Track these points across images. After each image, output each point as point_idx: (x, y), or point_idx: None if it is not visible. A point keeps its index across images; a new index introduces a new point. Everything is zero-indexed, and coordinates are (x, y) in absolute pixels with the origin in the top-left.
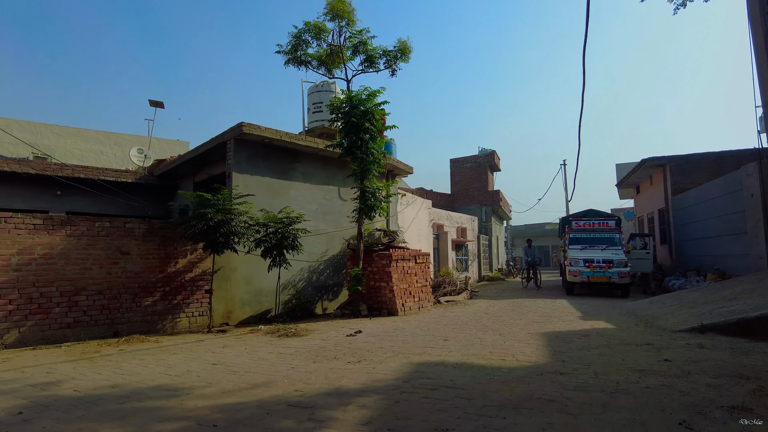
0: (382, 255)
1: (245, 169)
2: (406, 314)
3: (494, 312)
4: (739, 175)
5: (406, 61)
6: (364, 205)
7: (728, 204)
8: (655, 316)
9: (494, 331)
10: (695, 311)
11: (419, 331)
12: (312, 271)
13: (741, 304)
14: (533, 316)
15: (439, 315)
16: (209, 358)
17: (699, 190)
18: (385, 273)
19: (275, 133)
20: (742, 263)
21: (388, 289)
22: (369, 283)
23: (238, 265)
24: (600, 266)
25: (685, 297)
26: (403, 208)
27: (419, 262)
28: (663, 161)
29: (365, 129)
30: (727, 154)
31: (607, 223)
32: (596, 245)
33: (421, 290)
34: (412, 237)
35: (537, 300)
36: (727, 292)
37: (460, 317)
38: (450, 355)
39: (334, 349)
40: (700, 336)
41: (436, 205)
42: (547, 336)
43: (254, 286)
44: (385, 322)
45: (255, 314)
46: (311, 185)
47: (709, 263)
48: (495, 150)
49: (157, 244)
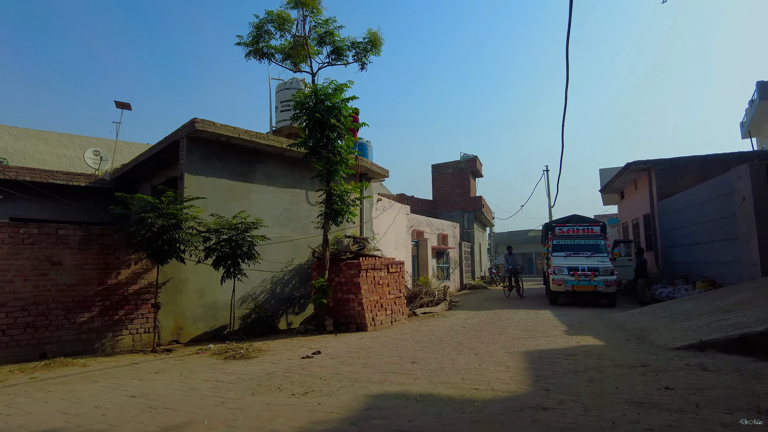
0: (351, 264)
1: (199, 170)
2: (376, 329)
3: (472, 326)
4: (729, 178)
5: (377, 54)
6: (330, 210)
7: (717, 208)
8: (647, 330)
9: (470, 350)
10: (690, 325)
11: (386, 350)
12: (276, 282)
13: (740, 316)
14: (514, 331)
15: (412, 330)
16: (132, 388)
17: (686, 194)
18: (353, 284)
19: (233, 130)
20: (733, 270)
21: (356, 302)
22: (336, 295)
23: (189, 276)
24: (585, 274)
25: (676, 308)
26: (379, 213)
27: (392, 272)
28: (648, 165)
29: (331, 126)
30: (713, 158)
31: (592, 229)
32: (581, 252)
33: (394, 302)
34: (388, 244)
35: (519, 311)
36: (722, 303)
37: (434, 332)
38: (415, 382)
39: (281, 375)
40: (700, 355)
41: (418, 212)
42: (528, 356)
43: (209, 299)
44: (350, 340)
45: (209, 330)
46: (275, 188)
47: (697, 270)
48: (477, 155)
49: (95, 252)
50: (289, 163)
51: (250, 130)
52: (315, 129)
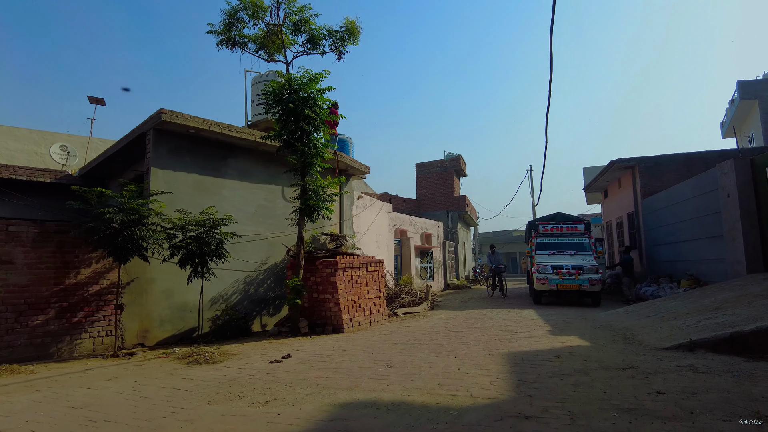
0: (327, 263)
1: (167, 163)
2: (353, 330)
3: (454, 326)
4: (713, 175)
5: (355, 44)
6: (304, 206)
7: (701, 206)
8: (634, 330)
9: (449, 352)
10: (678, 324)
11: (361, 353)
12: (249, 283)
13: (729, 315)
14: (496, 331)
15: (391, 331)
16: (76, 398)
17: (670, 192)
18: (329, 283)
19: (202, 122)
20: (717, 268)
21: (333, 302)
22: (312, 295)
23: (156, 276)
24: (569, 273)
25: (662, 306)
26: (360, 211)
27: (371, 271)
28: (632, 163)
29: (306, 117)
30: (695, 156)
31: (576, 227)
32: (565, 250)
33: (373, 302)
34: (369, 243)
35: (502, 311)
36: (708, 301)
37: (414, 333)
38: (388, 389)
39: (244, 382)
40: (690, 355)
41: (402, 211)
42: (511, 358)
43: (177, 300)
44: (325, 342)
45: (177, 333)
46: (249, 184)
47: (681, 269)
48: (461, 154)
49: (52, 250)
50: (264, 157)
51: (222, 122)
52: (289, 120)
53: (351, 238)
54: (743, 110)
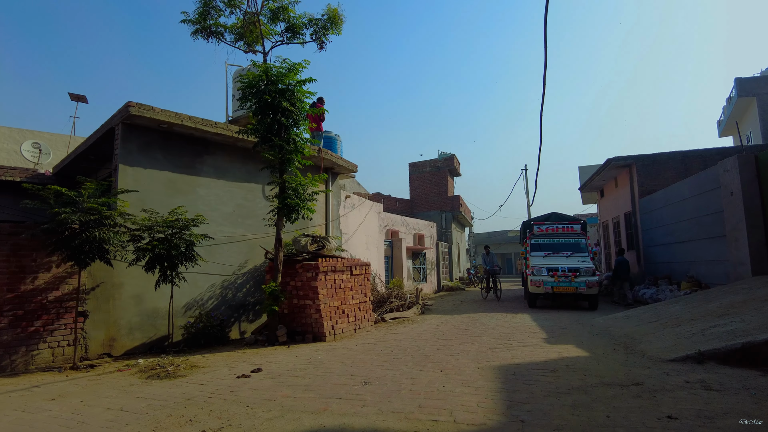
0: (308, 266)
1: (137, 160)
2: (336, 339)
3: (443, 333)
4: (714, 172)
5: (338, 33)
6: (282, 205)
7: (702, 205)
8: (635, 338)
9: (435, 364)
10: (683, 331)
11: (339, 366)
12: (227, 287)
13: (738, 322)
14: (488, 339)
15: (376, 339)
16: (2, 425)
17: (668, 191)
18: (310, 288)
19: (175, 116)
20: (718, 270)
21: (313, 309)
22: (292, 301)
23: (125, 281)
24: (565, 275)
25: (664, 311)
26: (348, 211)
27: (356, 274)
28: (629, 161)
29: (284, 110)
30: (693, 154)
31: (572, 227)
32: (561, 252)
33: (358, 307)
34: (358, 244)
35: (496, 315)
36: (713, 306)
37: (399, 342)
38: (361, 412)
39: (202, 403)
40: (699, 368)
41: (395, 211)
42: (502, 372)
43: (147, 306)
44: (303, 353)
45: (148, 341)
46: (227, 182)
47: (680, 270)
48: (455, 154)
49: (5, 254)
50: (243, 154)
51: (196, 116)
52: (265, 114)
53: (336, 239)
54: (741, 108)
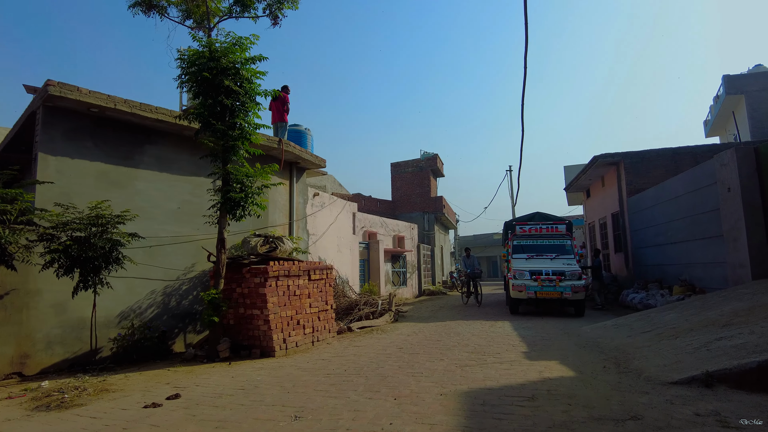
0: (256, 270)
1: (62, 149)
2: (288, 354)
3: (412, 345)
4: (710, 167)
5: (294, 7)
6: (225, 199)
7: (697, 202)
8: (628, 352)
9: (391, 389)
10: (683, 345)
11: (275, 392)
12: (170, 294)
13: (746, 334)
14: (461, 353)
15: (333, 354)
16: None
17: (659, 189)
18: (258, 296)
19: (106, 99)
20: (715, 273)
21: (261, 319)
22: (238, 310)
23: (43, 287)
24: (549, 279)
25: (657, 319)
26: (316, 210)
27: (316, 279)
28: (617, 158)
29: (227, 91)
30: (683, 151)
31: (557, 228)
32: (544, 254)
33: (317, 317)
34: (328, 246)
35: (474, 323)
36: (713, 314)
37: (359, 358)
38: None
39: None
40: (709, 394)
41: (376, 213)
42: (469, 401)
43: (72, 316)
44: (241, 372)
45: (72, 357)
46: (171, 176)
47: (672, 273)
48: (437, 153)
49: None
50: (191, 144)
51: (134, 100)
52: (207, 94)
53: (294, 240)
54: (729, 106)
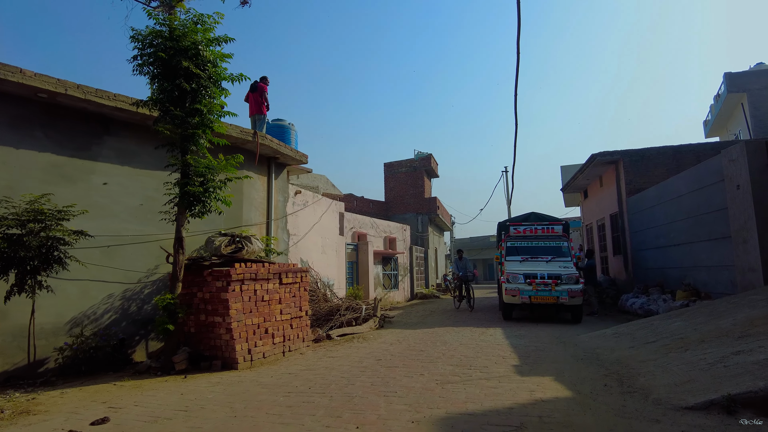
0: (218, 273)
1: (6, 138)
2: (252, 366)
3: (391, 357)
4: (716, 163)
5: None
6: (183, 193)
7: (702, 201)
8: (632, 367)
9: (355, 414)
10: (694, 359)
11: (219, 416)
12: (130, 298)
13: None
14: (444, 367)
15: (304, 367)
16: None
17: (660, 188)
18: (219, 301)
19: (56, 83)
20: (722, 277)
21: (223, 327)
22: (199, 317)
23: None
24: (545, 283)
25: (662, 327)
26: (298, 209)
27: (288, 283)
28: (616, 157)
29: (186, 73)
30: (685, 149)
31: (553, 229)
32: (540, 256)
33: (289, 324)
34: (311, 247)
35: (463, 330)
36: (726, 323)
37: (329, 372)
38: None
39: None
40: (733, 424)
41: (369, 213)
42: (445, 429)
43: (13, 323)
44: (194, 389)
45: (11, 369)
46: (133, 170)
47: (675, 277)
48: (431, 153)
49: None
50: (154, 136)
51: (89, 86)
52: (164, 77)
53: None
54: (730, 105)
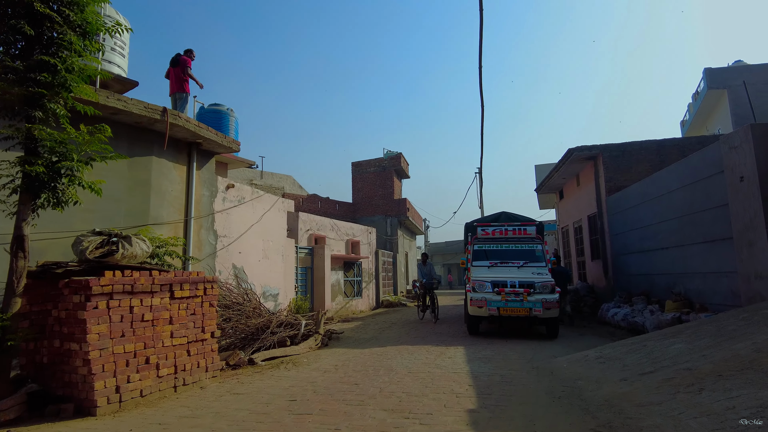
0: (77, 284)
1: None
2: (121, 410)
3: (312, 394)
4: (713, 153)
5: None
6: (24, 176)
7: (696, 197)
8: (628, 413)
9: None
10: (715, 404)
11: None
12: None
13: None
14: (374, 412)
15: (188, 412)
16: None
17: (646, 184)
18: (77, 322)
19: None
20: (719, 286)
21: (80, 357)
22: (53, 342)
23: None
24: (515, 292)
25: (659, 350)
26: (231, 206)
27: (183, 297)
28: (595, 152)
29: (29, 11)
30: (669, 143)
31: (525, 230)
32: (510, 261)
33: (186, 351)
34: (248, 251)
35: (420, 349)
36: (743, 347)
37: (218, 419)
38: None
39: None
40: None
41: (335, 216)
42: None
43: None
44: None
45: None
46: None
47: (662, 285)
48: (401, 153)
49: None
50: None
51: None
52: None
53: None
54: (710, 102)
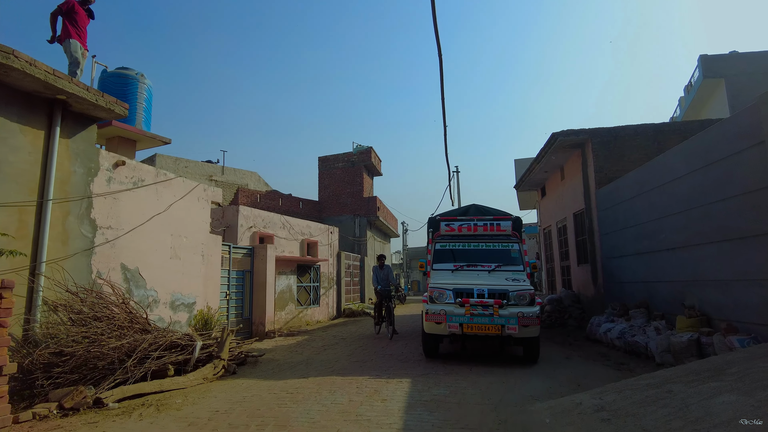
0: None
1: None
2: None
3: None
4: (740, 122)
5: None
6: None
7: (712, 183)
8: None
9: None
10: None
11: None
12: None
13: None
14: None
15: None
16: None
17: (644, 171)
18: None
19: None
20: (747, 297)
21: None
22: None
23: None
24: (483, 304)
25: (697, 405)
26: (122, 188)
27: None
28: (582, 137)
29: None
30: (668, 128)
31: (499, 225)
32: (480, 264)
33: None
34: (150, 248)
35: (350, 383)
36: None
37: None
38: None
39: None
40: None
41: (300, 215)
42: None
43: None
44: None
45: None
46: None
47: (665, 295)
48: (372, 147)
49: None
50: None
51: None
52: None
53: None
54: (705, 92)
